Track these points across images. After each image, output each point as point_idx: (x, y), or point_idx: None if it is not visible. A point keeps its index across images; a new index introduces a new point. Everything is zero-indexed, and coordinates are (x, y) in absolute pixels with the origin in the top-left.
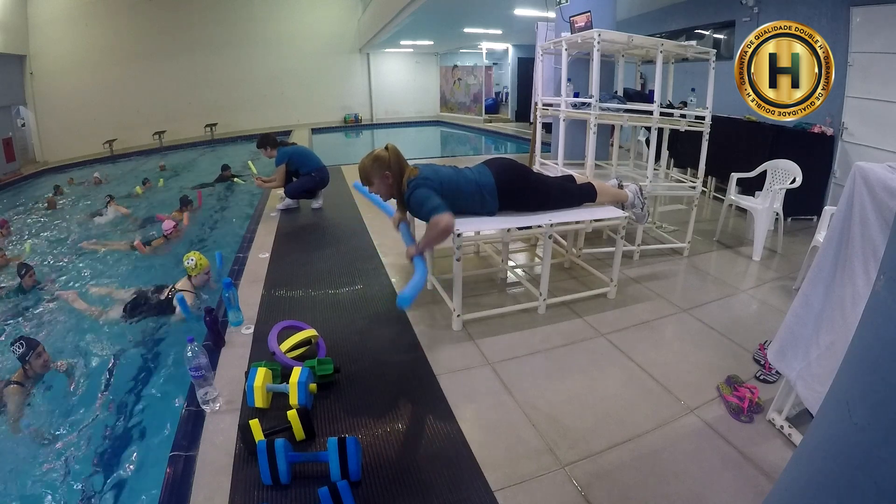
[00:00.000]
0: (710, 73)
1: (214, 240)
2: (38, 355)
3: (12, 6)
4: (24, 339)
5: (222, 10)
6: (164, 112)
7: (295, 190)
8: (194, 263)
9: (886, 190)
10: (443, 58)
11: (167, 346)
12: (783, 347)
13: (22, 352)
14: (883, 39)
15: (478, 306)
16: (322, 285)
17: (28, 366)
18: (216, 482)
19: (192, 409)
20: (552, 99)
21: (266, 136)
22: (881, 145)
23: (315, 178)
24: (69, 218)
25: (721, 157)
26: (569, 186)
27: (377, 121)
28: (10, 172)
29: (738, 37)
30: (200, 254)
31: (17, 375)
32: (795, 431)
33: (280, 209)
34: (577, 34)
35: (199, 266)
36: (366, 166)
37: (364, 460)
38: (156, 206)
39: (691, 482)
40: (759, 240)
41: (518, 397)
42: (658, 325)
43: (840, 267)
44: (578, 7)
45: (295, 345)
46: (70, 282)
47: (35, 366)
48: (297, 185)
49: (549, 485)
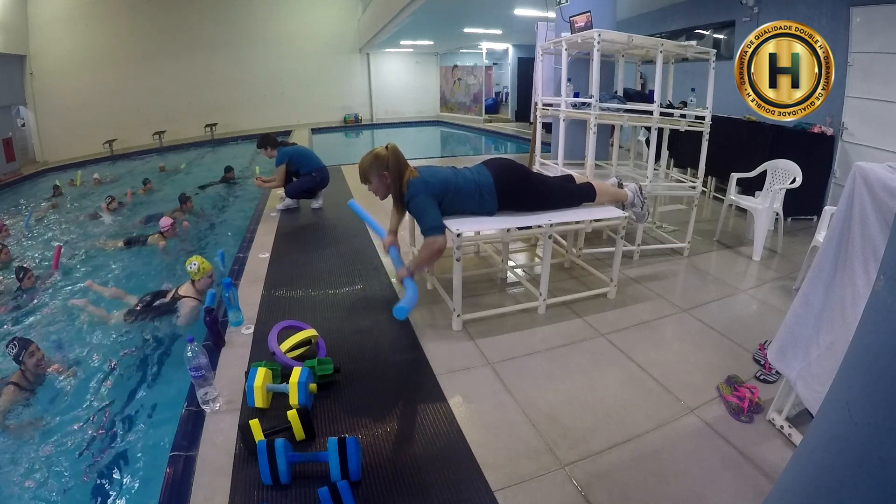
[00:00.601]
0: (710, 73)
1: (215, 240)
2: (30, 354)
3: (12, 6)
4: (17, 340)
5: (222, 10)
6: (164, 112)
7: (295, 190)
8: (197, 268)
9: (886, 190)
10: (443, 58)
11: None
12: (783, 347)
13: (15, 352)
14: (883, 39)
15: (478, 306)
16: (322, 285)
17: (23, 365)
18: (216, 482)
19: (192, 409)
20: (552, 99)
21: (266, 137)
22: (881, 145)
23: (315, 178)
24: (69, 216)
25: (721, 157)
26: (568, 186)
27: (377, 121)
28: (10, 172)
29: (738, 37)
30: (203, 258)
31: (15, 377)
32: (795, 431)
33: (280, 209)
34: (577, 34)
35: (201, 270)
36: (365, 164)
37: (364, 460)
38: (157, 205)
39: (691, 482)
40: (759, 240)
41: (518, 397)
42: (658, 325)
43: (840, 267)
44: (578, 7)
45: (295, 345)
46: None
47: (28, 364)
48: (297, 185)
49: (549, 485)
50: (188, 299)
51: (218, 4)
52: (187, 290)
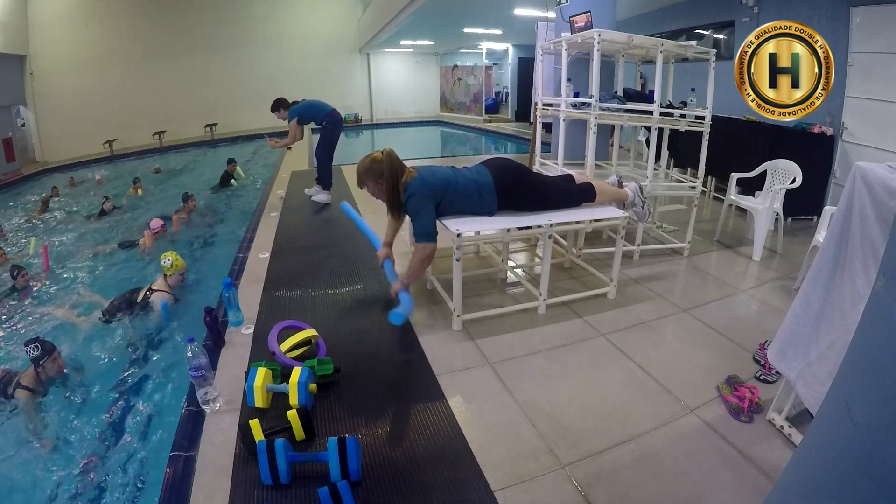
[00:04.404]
0: (710, 73)
1: (215, 239)
2: (53, 360)
3: (12, 6)
4: (39, 342)
5: (222, 10)
6: (164, 112)
7: (321, 151)
8: (170, 263)
9: (886, 190)
10: (443, 58)
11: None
12: (783, 347)
13: (37, 355)
14: (883, 39)
15: (478, 306)
16: (322, 285)
17: (41, 369)
18: (216, 482)
19: (192, 409)
20: (552, 99)
21: (278, 100)
22: (881, 145)
23: (327, 127)
24: (66, 218)
25: (721, 157)
26: (568, 186)
27: (377, 121)
28: (10, 172)
29: (738, 37)
30: (177, 255)
31: (28, 379)
32: (795, 431)
33: (313, 199)
34: (577, 34)
35: (175, 266)
36: (361, 169)
37: (364, 460)
38: (158, 205)
39: (691, 482)
40: (759, 240)
41: (518, 397)
42: (658, 325)
43: (840, 267)
44: (578, 7)
45: (295, 345)
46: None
47: (49, 370)
48: (320, 146)
49: (549, 485)
50: (159, 293)
51: (218, 4)
52: (160, 284)
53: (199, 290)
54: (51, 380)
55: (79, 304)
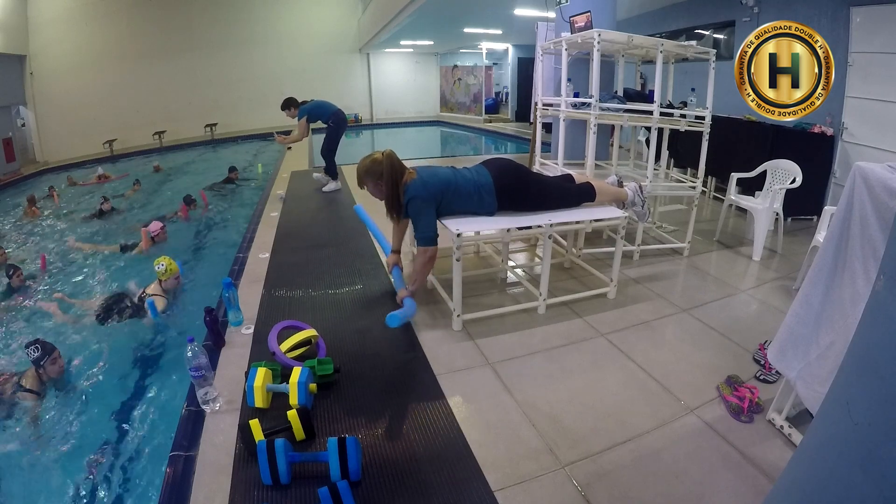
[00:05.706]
0: (710, 73)
1: (215, 239)
2: (53, 361)
3: (12, 6)
4: (39, 343)
5: (222, 10)
6: (164, 112)
7: (326, 147)
8: (164, 268)
9: (886, 190)
10: (443, 58)
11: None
12: (783, 347)
13: (37, 356)
14: (883, 39)
15: (478, 306)
16: (322, 285)
17: (42, 370)
18: (216, 482)
19: (192, 409)
20: (552, 99)
21: (288, 99)
22: (881, 145)
23: (332, 126)
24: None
25: (721, 157)
26: (567, 186)
27: (377, 121)
28: (10, 172)
29: (738, 37)
30: (171, 259)
31: (30, 381)
32: (795, 431)
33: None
34: (577, 34)
35: (168, 271)
36: (361, 169)
37: (364, 460)
38: (158, 205)
39: (691, 482)
40: (759, 240)
41: (518, 397)
42: (658, 325)
43: (840, 267)
44: (578, 7)
45: (295, 345)
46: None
47: (50, 371)
48: (325, 143)
49: (549, 485)
50: (156, 297)
51: (218, 4)
52: (154, 288)
53: (199, 290)
54: (51, 380)
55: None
